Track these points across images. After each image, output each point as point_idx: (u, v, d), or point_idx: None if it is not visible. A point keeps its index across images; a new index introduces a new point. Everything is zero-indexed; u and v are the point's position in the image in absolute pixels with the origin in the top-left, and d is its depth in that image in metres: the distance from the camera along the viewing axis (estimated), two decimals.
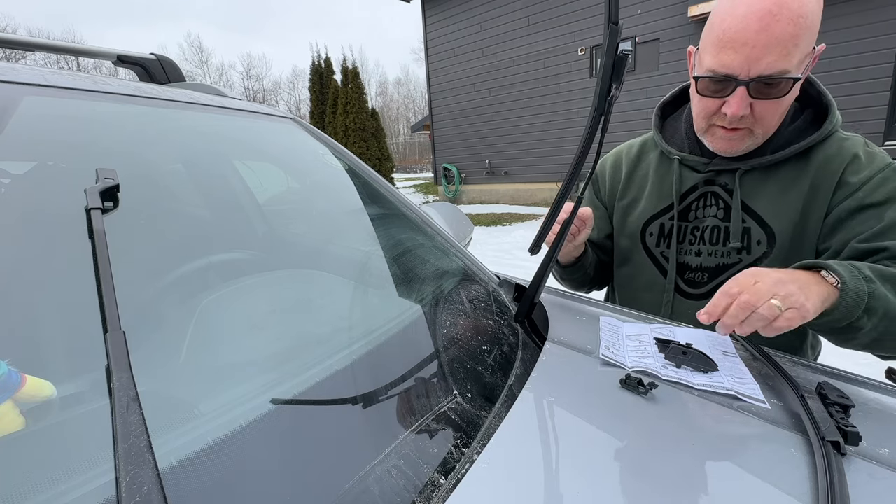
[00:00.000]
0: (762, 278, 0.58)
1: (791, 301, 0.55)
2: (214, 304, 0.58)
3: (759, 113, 0.70)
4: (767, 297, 0.55)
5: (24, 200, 0.54)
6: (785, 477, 0.42)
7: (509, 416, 0.50)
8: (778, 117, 0.73)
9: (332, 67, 12.74)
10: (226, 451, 0.39)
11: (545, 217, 0.67)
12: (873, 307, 0.58)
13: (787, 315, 0.54)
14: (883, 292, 0.59)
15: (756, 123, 0.72)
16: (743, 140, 0.75)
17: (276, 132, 1.00)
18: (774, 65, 0.65)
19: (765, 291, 0.56)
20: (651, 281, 0.91)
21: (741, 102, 0.69)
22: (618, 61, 0.54)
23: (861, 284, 0.59)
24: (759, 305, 0.55)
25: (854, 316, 0.58)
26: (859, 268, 0.61)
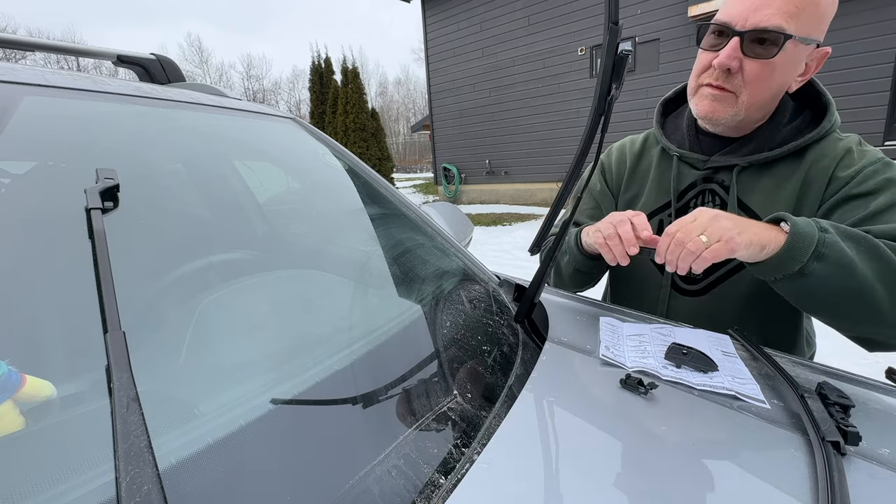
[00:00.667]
0: (701, 216, 0.61)
1: (719, 234, 0.59)
2: (214, 304, 0.58)
3: (748, 75, 0.70)
4: (697, 232, 0.59)
5: (24, 200, 0.54)
6: (785, 477, 0.42)
7: (509, 416, 0.50)
8: (764, 91, 0.72)
9: (332, 67, 12.74)
10: (226, 451, 0.39)
11: (545, 217, 0.67)
12: (824, 254, 0.59)
13: (713, 247, 0.58)
14: (836, 240, 0.59)
15: (743, 87, 0.72)
16: (726, 104, 0.75)
17: (276, 132, 1.00)
18: (771, 18, 0.66)
19: (696, 228, 0.60)
20: (648, 277, 0.91)
21: (730, 52, 0.69)
22: (618, 61, 0.54)
23: (812, 229, 0.60)
24: (688, 242, 0.59)
25: (802, 259, 0.59)
26: (819, 221, 0.62)
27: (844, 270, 0.59)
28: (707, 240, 0.59)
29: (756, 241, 0.61)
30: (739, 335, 0.70)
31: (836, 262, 0.59)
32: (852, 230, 0.62)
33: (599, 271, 0.91)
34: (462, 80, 10.08)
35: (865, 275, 0.59)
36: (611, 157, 1.01)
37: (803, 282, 0.61)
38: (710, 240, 0.59)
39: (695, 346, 0.63)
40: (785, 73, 0.71)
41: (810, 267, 0.59)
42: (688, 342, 0.65)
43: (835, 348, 0.73)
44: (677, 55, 7.14)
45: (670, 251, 0.62)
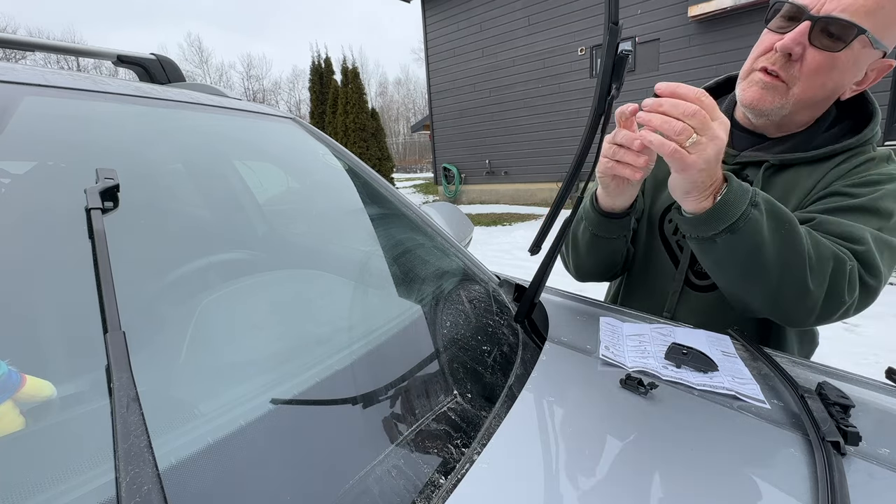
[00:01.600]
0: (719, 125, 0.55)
1: (696, 148, 0.54)
2: (214, 304, 0.58)
3: (808, 66, 0.66)
4: (699, 130, 0.54)
5: (24, 200, 0.54)
6: (785, 477, 0.42)
7: (509, 416, 0.50)
8: (817, 89, 0.68)
9: (332, 67, 12.74)
10: (226, 451, 0.39)
11: (545, 217, 0.67)
12: (739, 228, 0.60)
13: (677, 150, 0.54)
14: (758, 218, 0.60)
15: (797, 78, 0.68)
16: (775, 95, 0.70)
17: (276, 132, 1.00)
18: (849, 9, 0.61)
19: (706, 128, 0.54)
20: (662, 269, 0.89)
21: (797, 36, 0.65)
22: (618, 61, 0.54)
23: (741, 204, 0.60)
24: (687, 125, 0.54)
25: (717, 228, 0.61)
26: (757, 194, 0.61)
27: (752, 250, 0.61)
28: (691, 142, 0.54)
29: (697, 186, 0.59)
30: (739, 335, 0.70)
31: (747, 240, 0.60)
32: (783, 212, 0.62)
33: (618, 236, 0.82)
34: (462, 80, 10.08)
35: (767, 257, 0.61)
36: None
37: (711, 246, 0.64)
38: (693, 143, 0.54)
39: (695, 346, 0.63)
40: (843, 74, 0.67)
41: (722, 237, 0.61)
42: (688, 342, 0.65)
43: (834, 348, 0.73)
44: (677, 55, 7.14)
45: (676, 106, 0.54)
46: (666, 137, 0.55)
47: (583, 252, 0.87)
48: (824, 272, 0.62)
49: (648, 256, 0.92)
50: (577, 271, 0.94)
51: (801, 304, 0.63)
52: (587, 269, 0.91)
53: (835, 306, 0.64)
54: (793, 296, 0.63)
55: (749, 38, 6.45)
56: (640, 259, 0.94)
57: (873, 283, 0.65)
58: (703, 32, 6.95)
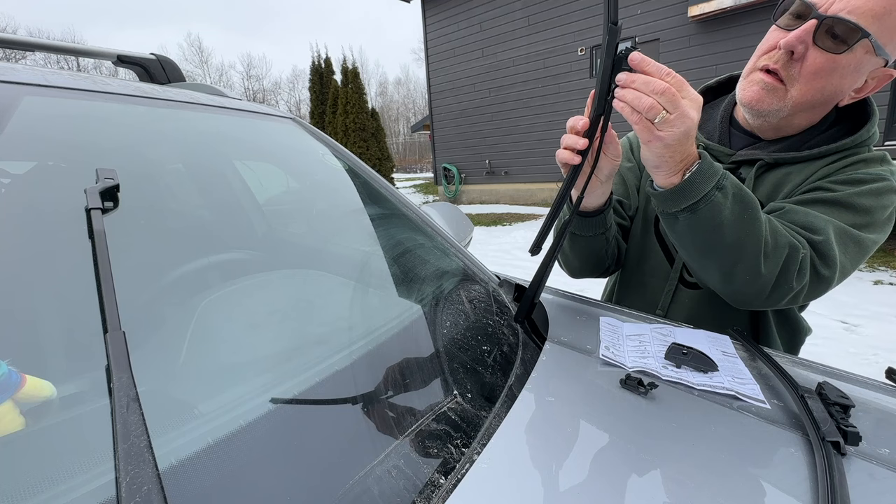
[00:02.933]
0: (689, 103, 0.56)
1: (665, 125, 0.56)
2: (214, 304, 0.58)
3: (808, 66, 0.66)
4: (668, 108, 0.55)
5: (24, 200, 0.54)
6: (785, 477, 0.42)
7: (509, 416, 0.50)
8: (817, 91, 0.68)
9: (332, 67, 12.75)
10: (226, 451, 0.39)
11: (545, 218, 0.67)
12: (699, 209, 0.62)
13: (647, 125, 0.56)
14: (721, 201, 0.61)
15: (797, 79, 0.68)
16: (773, 97, 0.71)
17: (276, 132, 1.00)
18: (856, 11, 0.62)
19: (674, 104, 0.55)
20: (657, 267, 0.90)
21: (802, 34, 0.65)
22: (618, 61, 0.54)
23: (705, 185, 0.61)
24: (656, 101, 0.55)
25: (679, 206, 0.63)
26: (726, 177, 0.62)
27: (710, 231, 0.63)
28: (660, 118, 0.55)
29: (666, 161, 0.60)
30: (739, 335, 0.70)
31: (705, 221, 0.62)
32: (749, 198, 0.63)
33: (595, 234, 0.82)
34: (462, 80, 10.08)
35: (723, 239, 0.63)
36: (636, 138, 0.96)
37: (674, 222, 0.66)
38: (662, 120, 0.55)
39: (695, 346, 0.63)
40: (843, 79, 0.67)
41: (682, 214, 0.64)
42: (688, 342, 0.65)
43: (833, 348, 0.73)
44: (677, 55, 7.14)
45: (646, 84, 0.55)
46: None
47: (567, 250, 0.89)
48: (778, 259, 0.64)
49: (643, 254, 0.92)
50: (568, 268, 0.95)
51: (751, 286, 0.66)
52: (576, 267, 0.92)
53: (783, 291, 0.66)
54: (745, 277, 0.65)
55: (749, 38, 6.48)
56: (634, 257, 0.94)
57: (826, 274, 0.66)
58: (703, 32, 6.95)
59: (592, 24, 8.01)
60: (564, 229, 0.71)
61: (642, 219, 0.92)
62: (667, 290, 0.88)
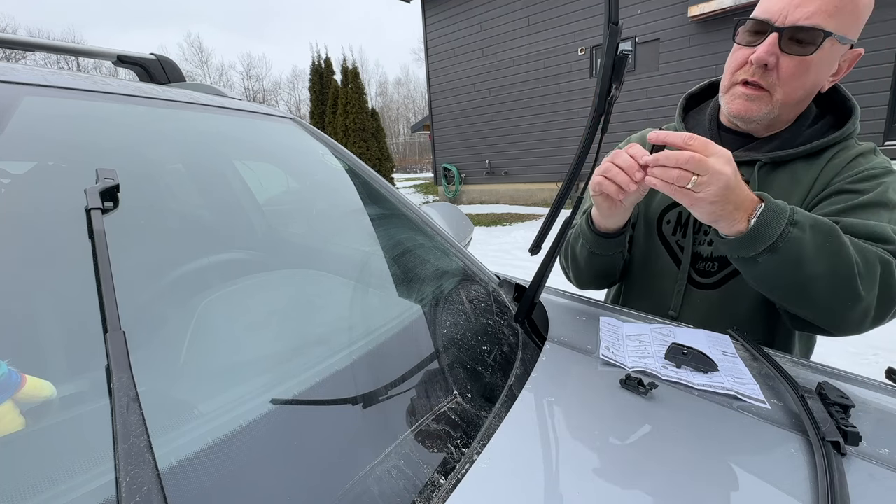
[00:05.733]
0: (717, 160, 0.58)
1: (700, 187, 0.58)
2: (214, 304, 0.58)
3: (784, 72, 0.70)
4: (696, 171, 0.58)
5: (24, 200, 0.54)
6: (785, 477, 0.42)
7: (509, 416, 0.50)
8: (798, 89, 0.72)
9: (332, 67, 12.74)
10: (226, 452, 0.39)
11: (545, 217, 0.67)
12: (779, 248, 0.61)
13: (682, 192, 0.60)
14: (800, 236, 0.61)
15: (777, 85, 0.71)
16: (761, 103, 0.74)
17: (276, 132, 1.00)
18: (812, 16, 0.65)
19: (701, 167, 0.58)
20: (664, 269, 0.90)
21: (768, 48, 0.69)
22: (618, 61, 0.54)
23: (779, 223, 0.61)
24: (683, 170, 0.58)
25: (757, 249, 0.62)
26: (796, 212, 0.62)
27: (795, 266, 0.62)
28: (693, 183, 0.58)
29: (719, 216, 0.61)
30: (739, 335, 0.70)
31: (789, 258, 0.61)
32: (825, 224, 0.63)
33: (614, 253, 0.85)
34: (462, 80, 10.08)
35: (813, 270, 0.62)
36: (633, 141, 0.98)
37: (753, 265, 0.65)
38: (695, 184, 0.58)
39: (695, 346, 0.63)
40: (820, 72, 0.71)
41: (762, 257, 0.62)
42: (688, 342, 0.65)
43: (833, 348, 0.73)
44: (677, 55, 7.14)
45: (665, 156, 0.59)
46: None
47: (582, 266, 0.91)
48: (874, 276, 0.62)
49: (648, 258, 0.93)
50: (577, 280, 0.98)
51: (854, 310, 0.63)
52: (586, 280, 0.95)
53: (888, 307, 0.64)
54: (846, 304, 0.63)
55: None
56: (639, 261, 0.95)
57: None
58: (703, 32, 6.95)
59: (592, 24, 8.00)
60: (565, 229, 0.71)
61: (644, 223, 0.93)
62: (677, 292, 0.87)
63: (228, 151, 0.97)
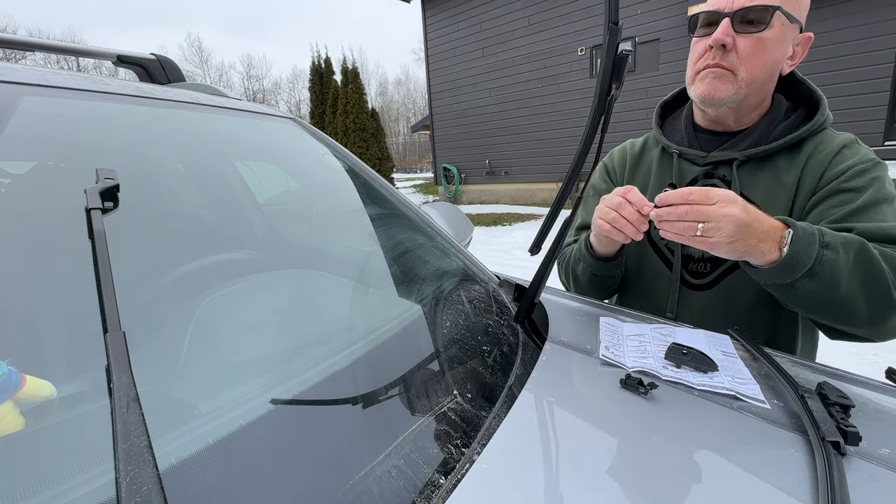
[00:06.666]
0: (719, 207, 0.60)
1: (714, 233, 0.60)
2: (214, 304, 0.58)
3: (742, 50, 0.73)
4: (699, 220, 0.61)
5: (24, 200, 0.54)
6: (785, 477, 0.42)
7: (509, 416, 0.50)
8: (759, 66, 0.75)
9: (332, 67, 12.74)
10: (226, 452, 0.39)
11: (545, 217, 0.67)
12: (817, 273, 0.61)
13: (697, 239, 0.62)
14: (834, 258, 0.61)
15: (739, 63, 0.74)
16: (726, 83, 0.76)
17: (276, 132, 1.00)
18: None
19: (703, 215, 0.60)
20: (657, 273, 0.91)
21: (724, 30, 0.73)
22: (618, 61, 0.54)
23: (812, 248, 0.61)
24: (687, 222, 0.62)
25: (794, 276, 0.62)
26: (824, 234, 0.62)
27: (832, 286, 0.62)
28: (700, 230, 0.60)
29: (744, 252, 0.62)
30: (739, 335, 0.70)
31: (826, 279, 0.62)
32: (851, 240, 0.63)
33: (615, 272, 0.90)
34: (462, 80, 10.07)
35: (850, 287, 0.62)
36: (613, 158, 1.03)
37: (790, 291, 0.65)
38: (703, 231, 0.60)
39: (695, 346, 0.63)
40: (776, 50, 0.74)
41: (800, 282, 0.63)
42: (688, 342, 0.65)
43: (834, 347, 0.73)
44: (677, 55, 7.13)
45: (665, 212, 0.63)
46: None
47: (585, 286, 0.95)
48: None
49: (641, 262, 0.95)
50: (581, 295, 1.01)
51: (894, 318, 0.64)
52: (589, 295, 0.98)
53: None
54: (885, 314, 0.64)
55: None
56: (633, 266, 0.97)
57: None
58: None
59: (592, 24, 8.00)
60: (565, 229, 0.71)
61: None
62: (671, 294, 0.88)
63: (228, 151, 0.97)
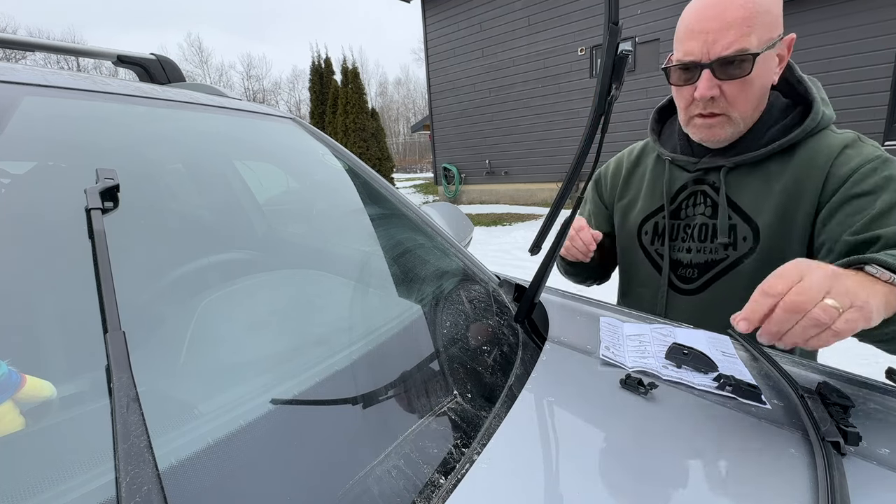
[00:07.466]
0: (809, 272, 0.46)
1: (851, 298, 0.44)
2: (214, 304, 0.58)
3: (730, 95, 0.73)
4: (820, 294, 0.44)
5: (24, 200, 0.54)
6: (785, 477, 0.42)
7: (509, 416, 0.50)
8: (752, 100, 0.74)
9: (332, 67, 12.74)
10: (226, 451, 0.39)
11: (545, 217, 0.67)
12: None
13: (846, 317, 0.44)
14: None
15: (730, 107, 0.74)
16: (723, 127, 0.76)
17: (276, 132, 1.00)
18: (732, 45, 0.68)
19: (816, 288, 0.45)
20: (647, 277, 0.93)
21: (707, 83, 0.72)
22: (618, 61, 0.54)
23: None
24: (811, 307, 0.44)
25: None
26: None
27: None
28: (836, 304, 0.44)
29: (883, 305, 0.48)
30: (739, 335, 0.70)
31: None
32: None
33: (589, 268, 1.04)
34: (462, 80, 10.07)
35: None
36: (608, 170, 1.05)
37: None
38: (840, 305, 0.44)
39: (695, 347, 0.63)
40: (763, 78, 0.73)
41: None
42: (688, 342, 0.65)
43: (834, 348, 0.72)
44: None
45: (777, 319, 0.46)
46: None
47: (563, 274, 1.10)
48: None
49: (633, 267, 0.97)
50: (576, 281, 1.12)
51: None
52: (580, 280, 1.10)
53: None
54: None
55: None
56: (626, 270, 1.00)
57: None
58: None
59: (592, 24, 8.00)
60: (565, 229, 0.71)
61: (625, 234, 0.98)
62: (660, 297, 0.91)
63: (228, 151, 0.97)
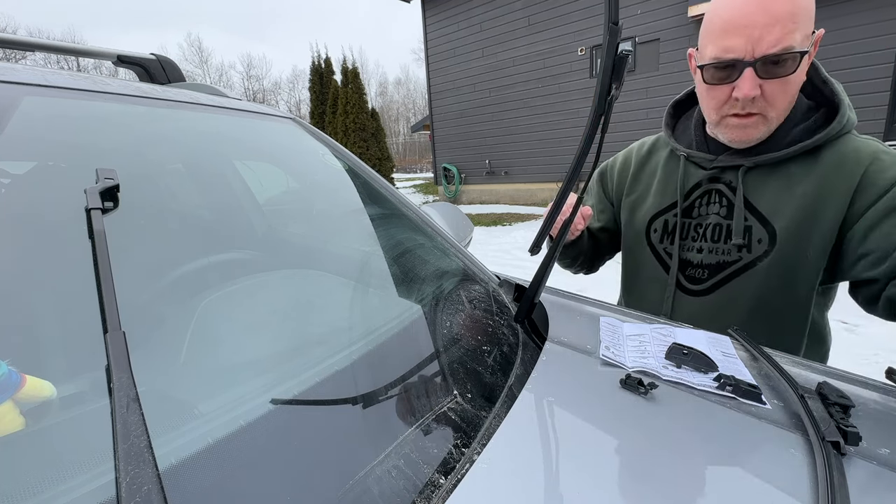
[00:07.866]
0: None
1: None
2: (214, 304, 0.58)
3: (770, 94, 0.70)
4: None
5: (24, 200, 0.54)
6: (785, 477, 0.42)
7: (509, 416, 0.50)
8: (789, 100, 0.72)
9: (332, 67, 12.74)
10: (226, 452, 0.39)
11: (545, 217, 0.67)
12: None
13: None
14: None
15: (768, 107, 0.71)
16: (757, 127, 0.74)
17: (276, 132, 1.00)
18: (778, 42, 0.65)
19: None
20: (654, 276, 0.91)
21: (751, 83, 0.69)
22: (618, 61, 0.54)
23: None
24: None
25: None
26: None
27: None
28: None
29: None
30: (739, 335, 0.70)
31: None
32: None
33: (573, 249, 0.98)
34: (462, 80, 10.08)
35: None
36: (615, 164, 1.02)
37: None
38: None
39: (695, 347, 0.63)
40: (800, 76, 0.71)
41: None
42: (688, 342, 0.65)
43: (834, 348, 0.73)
44: (677, 55, 7.13)
45: None
46: None
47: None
48: None
49: (640, 265, 0.95)
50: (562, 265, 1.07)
51: None
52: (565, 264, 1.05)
53: None
54: None
55: None
56: (632, 268, 0.97)
57: None
58: None
59: (592, 24, 8.00)
60: (565, 229, 0.71)
61: (633, 232, 0.95)
62: (667, 297, 0.89)
63: (228, 151, 0.97)
